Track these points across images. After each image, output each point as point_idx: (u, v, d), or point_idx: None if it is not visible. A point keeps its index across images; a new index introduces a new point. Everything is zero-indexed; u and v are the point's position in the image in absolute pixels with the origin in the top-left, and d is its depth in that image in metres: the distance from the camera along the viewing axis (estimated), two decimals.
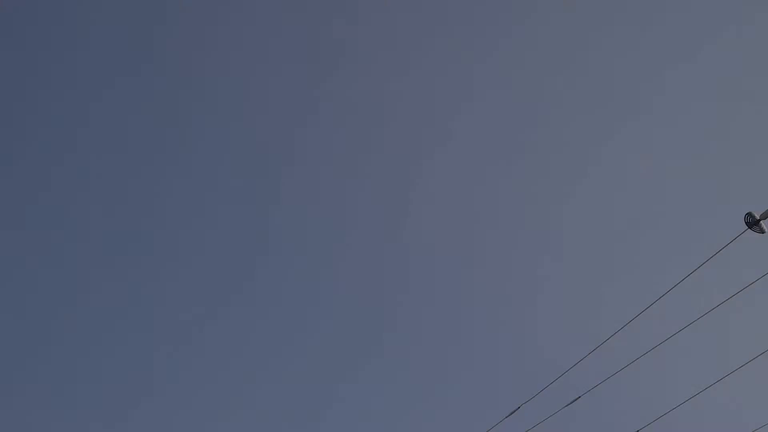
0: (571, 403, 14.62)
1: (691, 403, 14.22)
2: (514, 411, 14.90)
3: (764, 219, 9.49)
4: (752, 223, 9.51)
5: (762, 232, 9.53)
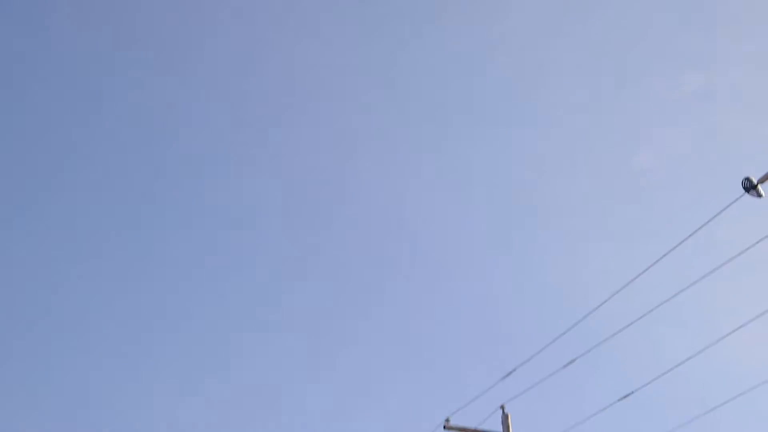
0: (567, 365, 14.71)
1: (686, 366, 14.31)
2: (510, 373, 15.03)
3: (762, 183, 9.49)
4: (750, 187, 9.51)
5: (759, 196, 9.53)
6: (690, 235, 11.93)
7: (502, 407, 15.34)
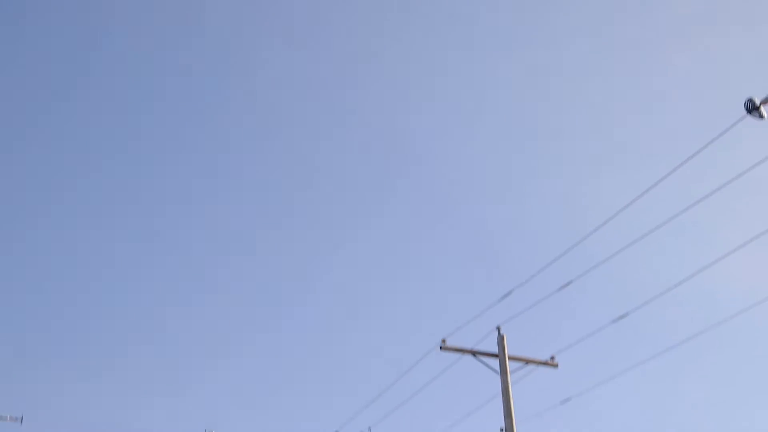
0: (563, 288, 14.77)
1: (681, 289, 14.39)
2: (506, 295, 15.11)
3: (765, 104, 9.34)
4: (752, 108, 9.37)
5: (762, 117, 9.40)
6: (689, 158, 11.82)
7: (498, 328, 15.48)
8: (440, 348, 15.39)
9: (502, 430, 14.57)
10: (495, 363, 15.31)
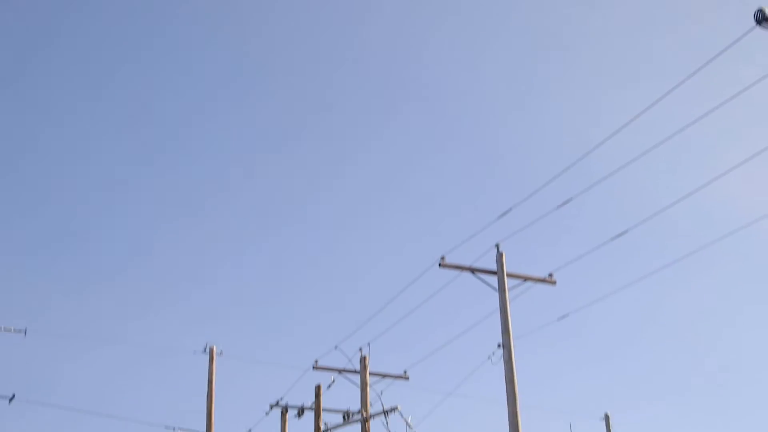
0: (562, 205, 14.68)
1: (680, 206, 14.29)
2: (506, 212, 15.05)
3: None
4: (762, 19, 9.07)
5: None
6: (693, 73, 11.57)
7: (497, 246, 15.43)
8: (439, 265, 15.38)
9: (499, 346, 14.68)
10: (493, 280, 15.32)
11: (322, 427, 19.52)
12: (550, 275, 15.91)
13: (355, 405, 19.07)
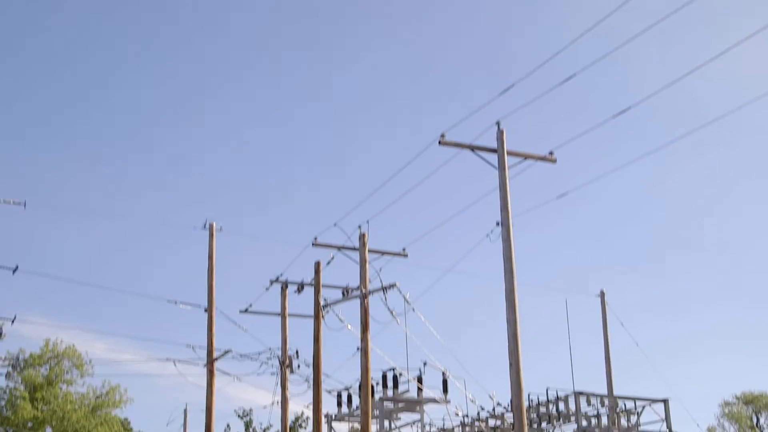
0: (565, 81, 14.40)
1: (684, 82, 14.00)
2: (507, 89, 14.76)
3: None
4: None
5: None
6: None
7: (498, 123, 15.20)
8: (439, 143, 15.18)
9: (498, 224, 14.68)
10: (493, 158, 15.15)
11: (322, 303, 19.80)
12: (551, 153, 15.74)
13: (354, 281, 19.27)
